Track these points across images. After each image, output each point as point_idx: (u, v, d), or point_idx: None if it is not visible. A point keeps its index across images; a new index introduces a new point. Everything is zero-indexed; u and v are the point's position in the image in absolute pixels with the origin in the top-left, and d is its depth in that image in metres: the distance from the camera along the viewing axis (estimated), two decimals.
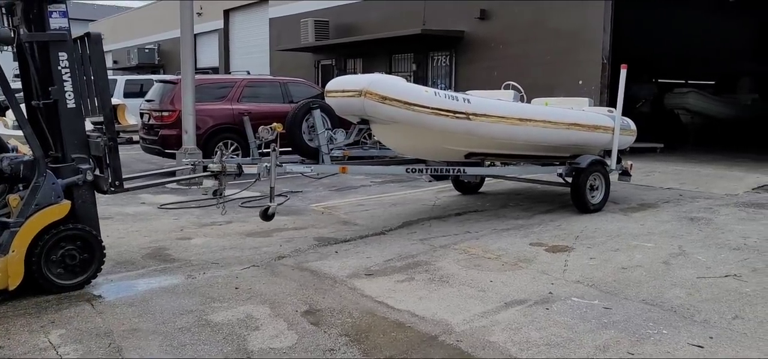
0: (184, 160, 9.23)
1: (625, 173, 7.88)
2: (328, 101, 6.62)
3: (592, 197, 7.37)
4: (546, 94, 9.40)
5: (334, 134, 6.87)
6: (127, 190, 5.05)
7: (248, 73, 13.14)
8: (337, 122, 7.11)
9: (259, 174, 6.04)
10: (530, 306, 4.27)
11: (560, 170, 7.44)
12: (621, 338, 3.72)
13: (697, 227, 6.46)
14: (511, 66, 13.03)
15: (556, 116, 7.17)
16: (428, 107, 6.15)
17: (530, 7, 13.45)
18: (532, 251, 5.65)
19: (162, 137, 10.54)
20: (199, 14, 25.16)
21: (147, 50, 29.21)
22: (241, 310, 4.23)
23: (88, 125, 6.58)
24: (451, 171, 7.14)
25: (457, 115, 6.32)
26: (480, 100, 6.64)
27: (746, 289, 4.53)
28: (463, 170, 7.20)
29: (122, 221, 7.10)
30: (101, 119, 4.78)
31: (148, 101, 11.32)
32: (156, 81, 11.61)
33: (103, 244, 4.68)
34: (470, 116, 6.41)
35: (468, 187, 8.73)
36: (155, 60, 29.35)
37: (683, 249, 5.59)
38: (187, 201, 8.24)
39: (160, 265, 5.32)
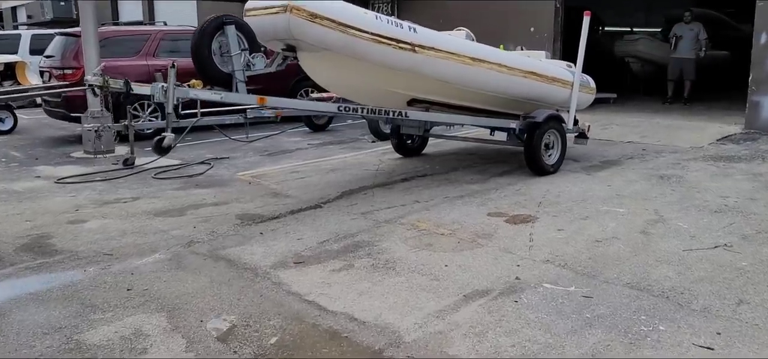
0: (85, 126, 8.05)
1: (581, 136, 7.11)
2: (248, 21, 5.54)
3: (549, 156, 6.64)
4: (495, 43, 8.58)
5: (253, 58, 5.68)
6: None
7: (165, 24, 11.74)
8: (259, 49, 5.95)
9: (152, 95, 4.99)
10: (495, 297, 3.48)
11: (514, 124, 6.66)
12: (611, 341, 2.96)
13: (669, 186, 5.82)
14: (458, 13, 12.13)
15: (511, 61, 6.36)
16: (367, 32, 5.20)
17: None
18: (491, 224, 4.86)
19: (66, 99, 9.19)
20: None
21: (62, 3, 26.66)
22: (128, 323, 3.26)
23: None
24: (391, 114, 6.18)
25: (400, 45, 5.40)
26: (428, 31, 5.73)
27: (742, 263, 3.87)
28: (405, 113, 6.25)
29: (5, 200, 5.92)
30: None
31: (47, 57, 9.87)
32: (57, 34, 10.13)
33: None
34: (416, 48, 5.49)
35: (411, 149, 7.86)
36: (73, 14, 26.84)
37: (660, 215, 4.92)
38: (90, 173, 7.07)
39: (35, 260, 4.25)
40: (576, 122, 7.05)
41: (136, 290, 3.70)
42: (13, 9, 35.82)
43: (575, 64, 7.07)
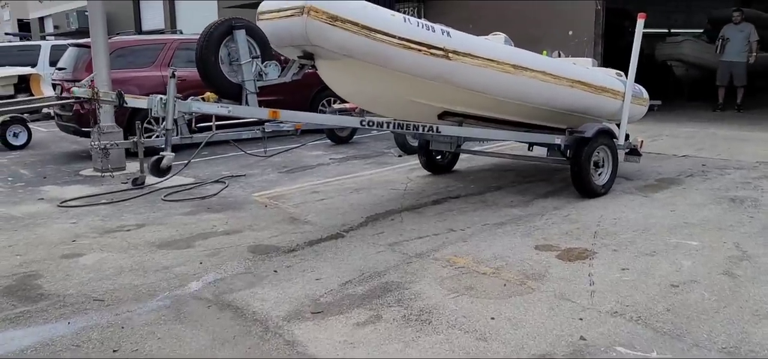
0: (92, 143, 7.56)
1: (633, 152, 6.34)
2: (260, 26, 4.94)
3: (598, 175, 5.92)
4: (530, 48, 7.88)
5: (265, 67, 5.06)
6: None
7: (181, 32, 11.28)
8: (271, 56, 5.33)
9: (150, 109, 4.47)
10: None
11: (559, 140, 5.96)
12: None
13: (745, 212, 5.06)
14: (490, 15, 11.44)
15: (557, 69, 5.67)
16: (395, 37, 4.58)
17: None
18: (540, 260, 4.17)
19: (77, 113, 8.74)
20: None
21: (87, 13, 26.63)
22: None
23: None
24: (420, 128, 5.53)
25: (432, 51, 4.76)
26: (464, 35, 5.08)
27: None
28: (436, 128, 5.60)
29: (1, 229, 5.41)
30: None
31: (59, 69, 9.46)
32: (70, 45, 9.72)
33: None
34: (450, 55, 4.85)
35: (440, 166, 7.19)
36: None
37: (743, 249, 4.18)
38: (95, 196, 6.55)
39: (16, 308, 3.69)
40: (627, 136, 6.31)
41: (124, 351, 3.11)
42: (41, 19, 36.11)
43: (625, 73, 6.34)
